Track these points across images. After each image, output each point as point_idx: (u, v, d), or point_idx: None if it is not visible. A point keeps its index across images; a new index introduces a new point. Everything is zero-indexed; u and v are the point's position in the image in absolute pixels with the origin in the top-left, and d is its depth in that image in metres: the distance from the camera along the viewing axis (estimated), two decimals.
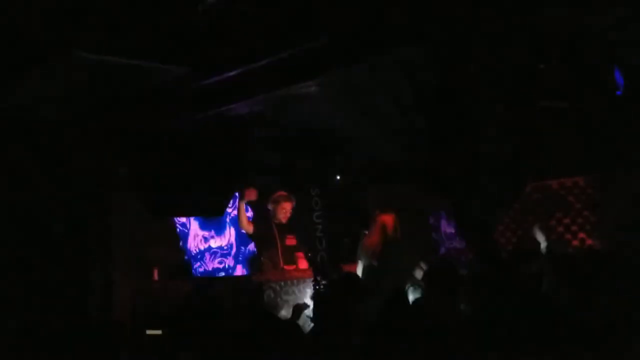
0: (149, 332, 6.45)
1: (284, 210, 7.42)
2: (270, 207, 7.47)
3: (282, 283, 6.83)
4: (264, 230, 7.42)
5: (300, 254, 7.37)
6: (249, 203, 7.88)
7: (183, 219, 8.68)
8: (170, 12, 4.91)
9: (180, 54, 5.13)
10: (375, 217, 7.11)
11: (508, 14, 4.94)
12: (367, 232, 7.26)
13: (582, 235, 7.89)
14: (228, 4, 5.00)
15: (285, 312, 6.71)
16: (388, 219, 7.03)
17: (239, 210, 7.51)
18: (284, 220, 7.42)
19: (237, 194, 7.84)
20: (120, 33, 4.79)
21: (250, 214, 8.35)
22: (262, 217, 7.72)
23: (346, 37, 5.09)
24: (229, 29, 5.21)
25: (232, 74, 5.59)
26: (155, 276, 7.88)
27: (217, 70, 5.49)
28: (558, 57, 5.86)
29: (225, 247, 9.08)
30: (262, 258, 7.38)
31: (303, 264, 7.26)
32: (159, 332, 6.29)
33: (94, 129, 6.21)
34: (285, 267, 7.18)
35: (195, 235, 8.83)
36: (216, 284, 7.63)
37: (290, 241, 7.45)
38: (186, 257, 8.67)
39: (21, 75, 5.09)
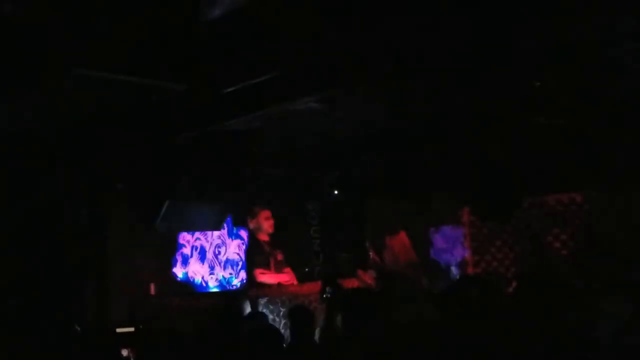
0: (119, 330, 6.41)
1: (269, 222, 7.26)
2: (253, 224, 7.29)
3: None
4: (255, 247, 7.29)
5: (288, 269, 7.30)
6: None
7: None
8: (168, 28, 4.92)
9: (179, 70, 5.14)
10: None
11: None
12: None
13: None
14: (227, 20, 5.02)
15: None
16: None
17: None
18: (270, 230, 7.26)
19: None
20: (118, 49, 4.80)
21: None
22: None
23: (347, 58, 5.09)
24: (228, 45, 5.22)
25: (230, 90, 5.59)
26: (152, 291, 7.86)
27: (216, 86, 5.49)
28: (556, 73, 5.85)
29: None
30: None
31: (288, 278, 7.21)
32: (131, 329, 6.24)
33: (91, 144, 6.22)
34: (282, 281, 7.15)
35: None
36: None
37: (279, 256, 7.38)
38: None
39: (19, 91, 5.09)
